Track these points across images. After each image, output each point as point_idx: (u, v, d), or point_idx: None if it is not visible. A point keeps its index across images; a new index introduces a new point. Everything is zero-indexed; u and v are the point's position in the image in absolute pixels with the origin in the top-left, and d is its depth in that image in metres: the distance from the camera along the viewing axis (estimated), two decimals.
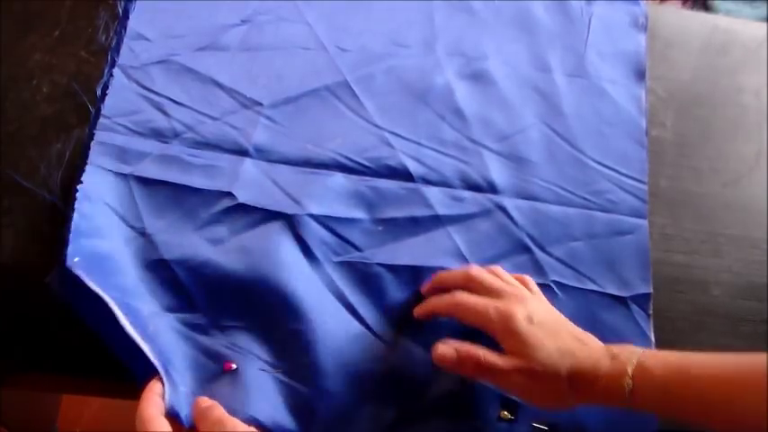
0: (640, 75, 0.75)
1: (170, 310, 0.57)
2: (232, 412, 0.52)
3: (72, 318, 0.55)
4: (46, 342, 0.56)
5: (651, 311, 0.65)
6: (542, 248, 0.65)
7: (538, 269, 0.65)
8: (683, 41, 0.78)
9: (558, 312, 0.58)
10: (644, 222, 0.68)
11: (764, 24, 0.81)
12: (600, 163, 0.70)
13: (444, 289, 0.59)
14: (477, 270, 0.59)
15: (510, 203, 0.66)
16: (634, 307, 0.65)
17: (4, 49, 0.64)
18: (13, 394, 0.78)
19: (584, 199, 0.68)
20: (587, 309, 0.64)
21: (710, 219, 0.71)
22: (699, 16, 0.81)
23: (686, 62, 0.77)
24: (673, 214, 0.70)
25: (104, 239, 0.57)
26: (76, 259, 0.54)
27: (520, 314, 0.54)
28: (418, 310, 0.59)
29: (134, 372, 0.54)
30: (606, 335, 0.58)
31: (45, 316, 0.57)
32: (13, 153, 0.61)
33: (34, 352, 0.56)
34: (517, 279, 0.60)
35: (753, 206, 0.72)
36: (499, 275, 0.59)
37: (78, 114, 0.62)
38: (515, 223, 0.66)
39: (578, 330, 0.57)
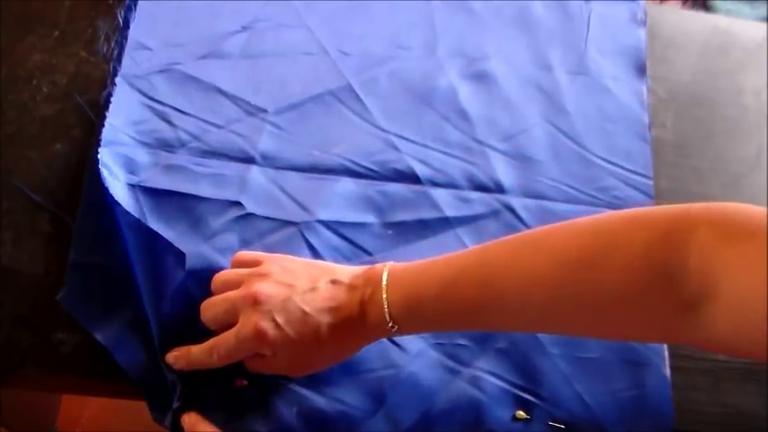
0: (641, 70, 0.75)
1: (184, 319, 0.57)
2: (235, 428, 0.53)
3: (72, 318, 0.55)
4: (46, 342, 0.56)
5: None
6: None
7: None
8: (682, 42, 0.79)
9: (291, 267, 0.55)
10: None
11: (764, 24, 0.82)
12: (605, 159, 0.70)
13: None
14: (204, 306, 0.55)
15: (517, 203, 0.66)
16: None
17: (4, 49, 0.63)
18: (13, 394, 0.77)
19: (591, 196, 0.68)
20: None
21: None
22: (699, 16, 0.82)
23: (686, 62, 0.77)
24: None
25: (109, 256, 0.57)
26: (61, 294, 0.55)
27: (264, 327, 0.51)
28: (180, 363, 0.54)
29: (143, 386, 0.54)
30: None
31: (45, 316, 0.56)
32: (13, 154, 0.60)
33: (34, 352, 0.56)
34: (236, 264, 0.57)
35: None
36: (219, 282, 0.56)
37: (78, 115, 0.62)
38: (523, 222, 0.66)
39: (323, 279, 0.54)
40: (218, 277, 0.56)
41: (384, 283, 0.53)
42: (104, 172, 0.56)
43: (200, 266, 0.58)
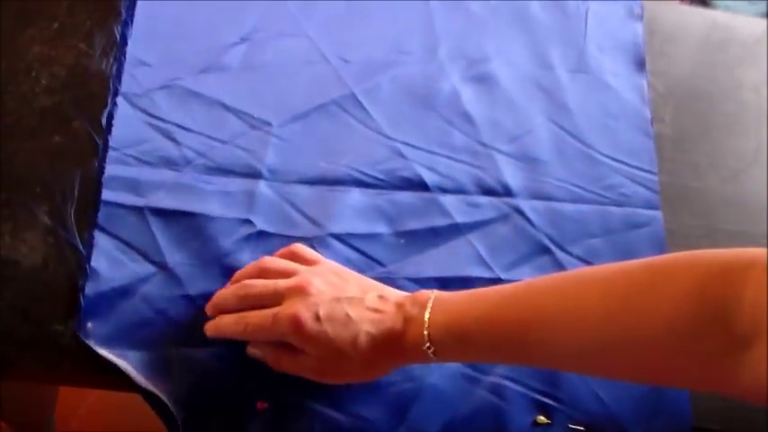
0: (640, 65, 0.75)
1: (201, 344, 0.56)
2: None
3: (70, 310, 0.55)
4: (44, 334, 0.56)
5: None
6: (562, 248, 0.65)
7: (559, 269, 0.65)
8: (682, 37, 0.79)
9: (345, 275, 0.56)
10: (658, 213, 0.69)
11: (763, 20, 0.82)
12: (609, 157, 0.70)
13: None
14: (248, 273, 0.57)
15: (526, 205, 0.66)
16: None
17: (4, 41, 0.63)
18: (11, 386, 0.79)
19: (598, 194, 0.68)
20: None
21: (709, 214, 0.72)
22: (698, 12, 0.82)
23: (685, 58, 0.78)
24: (672, 209, 0.71)
25: (122, 282, 0.56)
26: (90, 324, 0.55)
27: (304, 316, 0.51)
28: (209, 329, 0.55)
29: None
30: None
31: (43, 307, 0.56)
32: (12, 145, 0.60)
33: (32, 343, 0.55)
34: (288, 254, 0.58)
35: (752, 201, 0.73)
36: (268, 267, 0.56)
37: (78, 106, 0.62)
38: (533, 225, 0.66)
39: (372, 293, 0.54)
40: (270, 263, 0.56)
41: (429, 303, 0.53)
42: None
43: (213, 289, 0.57)
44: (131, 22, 0.65)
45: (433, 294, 0.54)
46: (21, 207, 0.58)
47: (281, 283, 0.54)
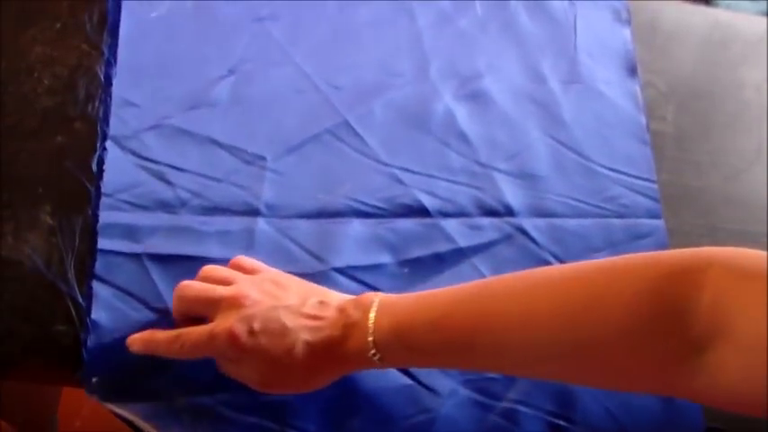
0: (632, 70, 0.75)
1: (207, 391, 0.55)
2: None
3: (73, 311, 0.55)
4: (46, 334, 0.55)
5: None
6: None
7: None
8: (683, 35, 0.79)
9: (286, 282, 0.54)
10: (660, 223, 0.68)
11: (765, 19, 0.82)
12: (607, 168, 0.70)
13: None
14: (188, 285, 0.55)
15: (528, 224, 0.65)
16: None
17: (5, 41, 0.62)
18: (13, 386, 0.79)
19: (599, 207, 0.68)
20: None
21: (711, 213, 0.72)
22: (700, 10, 0.82)
23: (687, 56, 0.77)
24: (673, 208, 0.70)
25: (124, 332, 0.55)
26: (95, 380, 0.53)
27: (239, 330, 0.50)
28: (135, 344, 0.54)
29: None
30: None
31: (45, 308, 0.56)
32: (14, 146, 0.59)
33: (35, 344, 0.55)
34: (232, 266, 0.57)
35: (753, 201, 0.73)
36: (209, 275, 0.55)
37: (79, 107, 0.61)
38: (537, 243, 0.65)
39: (313, 299, 0.53)
40: (211, 271, 0.55)
41: (374, 307, 0.51)
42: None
43: None
44: (115, 62, 0.63)
45: (377, 297, 0.52)
46: (23, 208, 0.58)
47: (219, 290, 0.53)
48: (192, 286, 0.54)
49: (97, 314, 0.55)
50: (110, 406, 0.53)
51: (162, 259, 0.58)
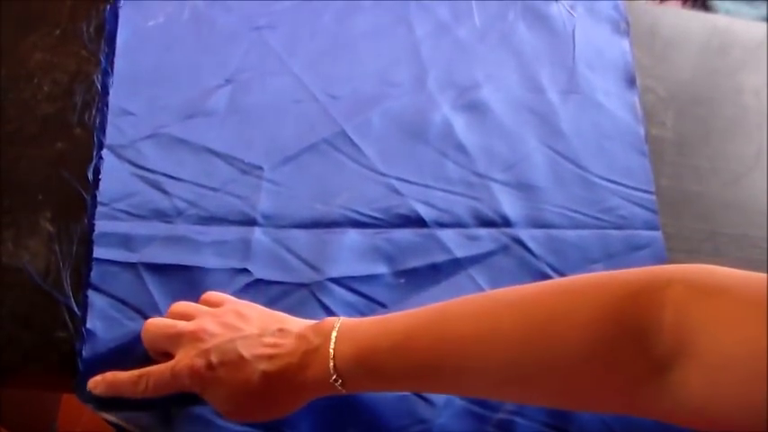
0: (631, 81, 0.75)
1: (201, 400, 0.55)
2: None
3: (72, 317, 0.55)
4: (46, 341, 0.55)
5: None
6: (564, 276, 0.65)
7: None
8: (683, 41, 0.79)
9: (248, 313, 0.54)
10: (658, 234, 0.68)
11: (764, 24, 0.82)
12: (605, 179, 0.69)
13: None
14: (152, 322, 0.55)
15: (526, 234, 0.65)
16: None
17: (5, 48, 0.63)
18: (13, 393, 0.78)
19: (597, 218, 0.67)
20: None
21: (710, 218, 0.71)
22: (699, 16, 0.82)
23: (686, 62, 0.77)
24: (673, 213, 0.70)
25: (119, 342, 0.55)
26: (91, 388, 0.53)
27: (198, 365, 0.50)
28: (97, 386, 0.53)
29: None
30: None
31: (46, 314, 0.56)
32: (14, 152, 0.60)
33: (35, 351, 0.55)
34: (201, 301, 0.57)
35: (753, 205, 0.73)
36: (174, 311, 0.56)
37: (79, 114, 0.62)
38: (534, 254, 0.65)
39: (273, 327, 0.52)
40: (177, 307, 0.55)
41: (334, 333, 0.50)
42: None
43: None
44: (112, 71, 0.63)
45: (338, 322, 0.51)
46: (23, 214, 0.58)
47: (180, 325, 0.53)
48: (155, 323, 0.54)
49: (92, 323, 0.55)
50: (105, 415, 0.53)
51: (158, 269, 0.58)
